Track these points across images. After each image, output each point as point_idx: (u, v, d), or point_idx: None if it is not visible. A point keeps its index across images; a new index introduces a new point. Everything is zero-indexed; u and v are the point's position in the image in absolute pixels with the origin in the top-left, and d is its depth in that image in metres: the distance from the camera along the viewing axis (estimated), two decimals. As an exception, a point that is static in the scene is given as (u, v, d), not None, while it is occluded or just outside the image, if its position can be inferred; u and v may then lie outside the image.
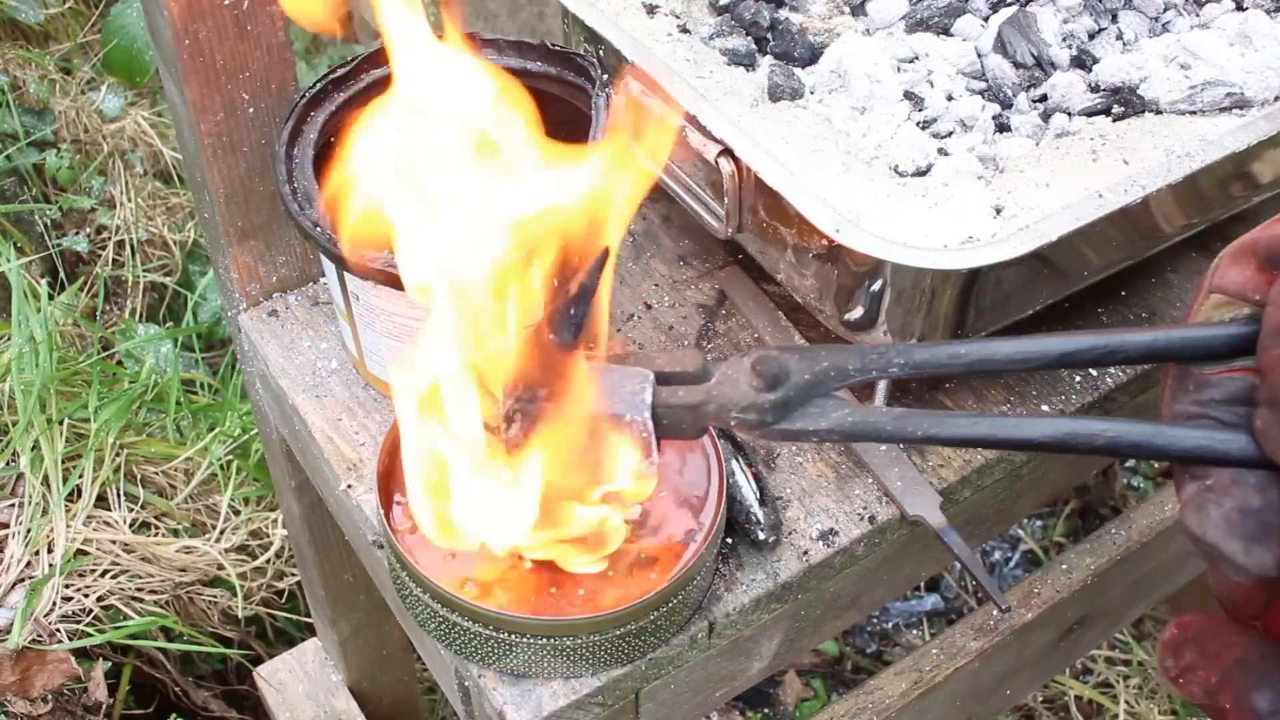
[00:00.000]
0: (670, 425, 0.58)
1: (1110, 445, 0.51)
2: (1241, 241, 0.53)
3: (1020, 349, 0.55)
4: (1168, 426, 0.51)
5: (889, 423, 0.54)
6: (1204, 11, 0.84)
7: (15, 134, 1.74)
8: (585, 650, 0.67)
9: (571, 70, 0.82)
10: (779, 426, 0.55)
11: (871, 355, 0.56)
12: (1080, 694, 1.64)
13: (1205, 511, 0.49)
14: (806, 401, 0.56)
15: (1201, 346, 0.52)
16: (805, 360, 0.56)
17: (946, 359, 0.55)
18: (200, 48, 0.75)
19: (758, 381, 0.55)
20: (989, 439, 0.53)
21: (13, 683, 1.21)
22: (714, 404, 0.56)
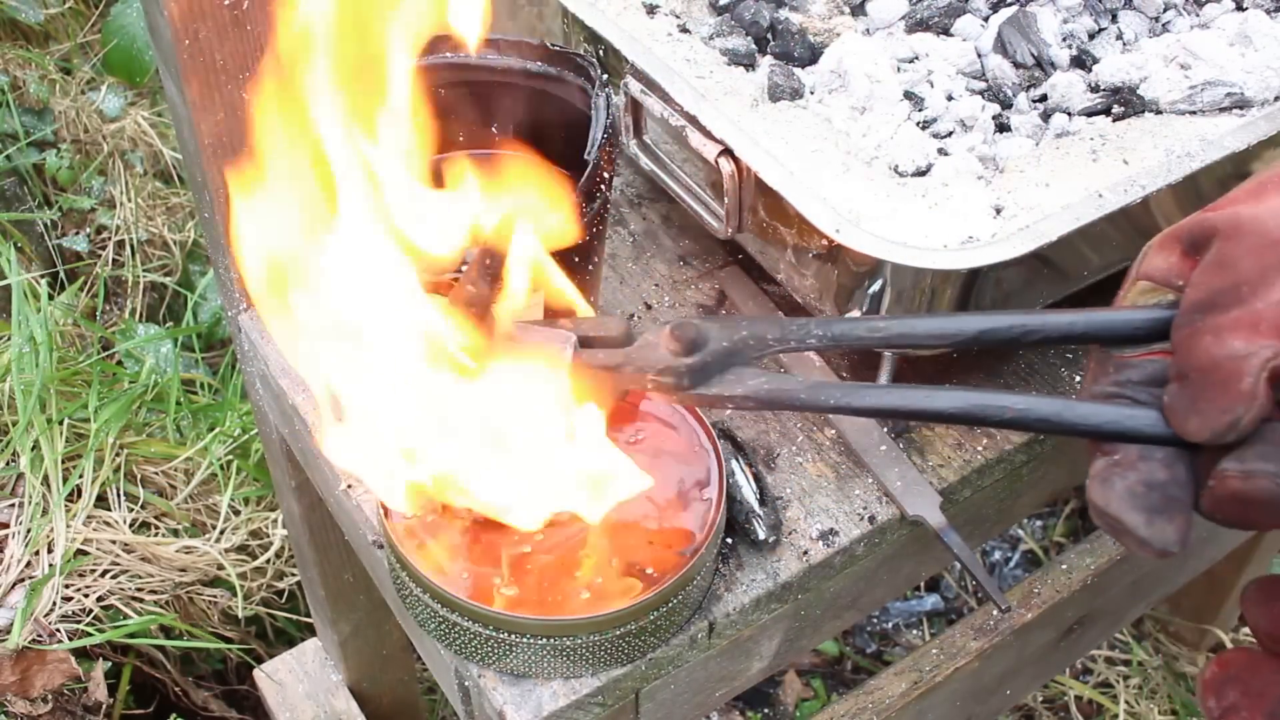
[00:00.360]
0: (589, 387, 0.59)
1: (1018, 419, 0.52)
2: (1168, 230, 0.54)
3: (939, 325, 0.56)
4: (1079, 403, 0.51)
5: (803, 391, 0.55)
6: (1204, 11, 0.84)
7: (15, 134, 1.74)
8: (585, 650, 0.67)
9: (571, 70, 0.82)
10: (695, 391, 0.57)
11: (791, 326, 0.57)
12: (1080, 694, 1.64)
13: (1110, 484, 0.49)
14: (724, 369, 0.57)
15: (1123, 330, 0.53)
16: (724, 328, 0.57)
17: (866, 332, 0.56)
18: (200, 48, 0.75)
19: (676, 346, 0.56)
20: (898, 409, 0.54)
21: (13, 683, 1.21)
22: (631, 366, 0.57)
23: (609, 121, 0.76)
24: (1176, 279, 0.53)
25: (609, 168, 0.76)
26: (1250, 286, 0.48)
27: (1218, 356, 0.47)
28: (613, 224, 0.95)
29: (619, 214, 0.97)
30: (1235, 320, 0.48)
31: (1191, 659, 1.68)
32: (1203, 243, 0.52)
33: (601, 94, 0.78)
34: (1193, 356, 0.49)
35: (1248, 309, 0.48)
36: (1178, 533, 0.48)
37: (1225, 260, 0.50)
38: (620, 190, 0.99)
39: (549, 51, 0.83)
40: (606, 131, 0.76)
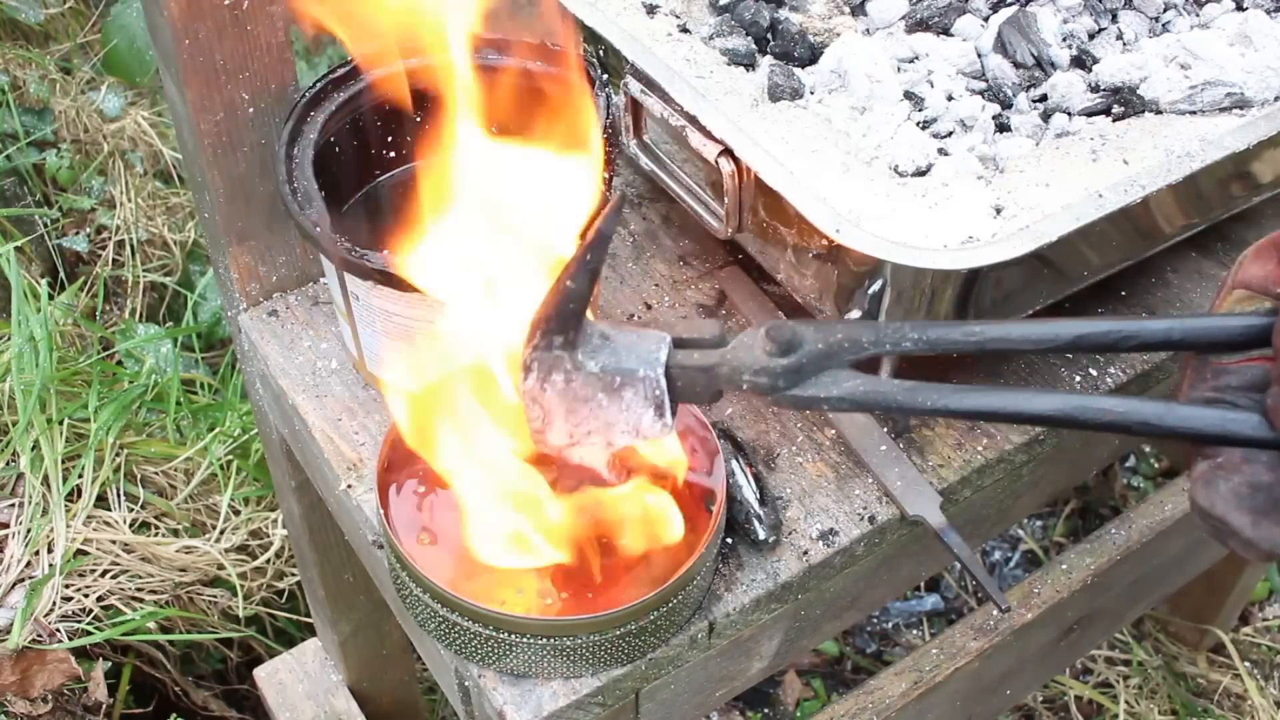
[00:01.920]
0: (684, 386, 0.58)
1: (1120, 421, 0.52)
2: (1265, 239, 0.54)
3: (1035, 330, 0.55)
4: (1180, 406, 0.51)
5: (900, 393, 0.55)
6: (1204, 11, 0.84)
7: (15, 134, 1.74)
8: (585, 650, 0.67)
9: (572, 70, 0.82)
10: (791, 392, 0.56)
11: (886, 329, 0.57)
12: (1080, 694, 1.64)
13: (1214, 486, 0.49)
14: (819, 370, 0.56)
15: (1220, 336, 0.53)
16: (819, 331, 0.57)
17: (961, 336, 0.56)
18: (200, 48, 0.75)
19: (771, 347, 0.56)
20: (999, 411, 0.54)
21: (13, 683, 1.21)
22: (727, 366, 0.57)
23: (609, 121, 0.76)
24: (1275, 286, 0.53)
25: (609, 168, 0.76)
26: None
27: None
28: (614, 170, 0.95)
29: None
30: None
31: (1191, 659, 1.68)
32: None
33: (601, 94, 0.78)
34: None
35: None
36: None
37: None
38: (620, 190, 0.99)
39: (549, 51, 0.83)
40: (606, 131, 0.76)
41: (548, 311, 0.57)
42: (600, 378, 0.58)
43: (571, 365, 0.58)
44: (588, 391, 0.58)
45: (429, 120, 0.87)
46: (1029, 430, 0.81)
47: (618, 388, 0.58)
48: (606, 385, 0.58)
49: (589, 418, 0.59)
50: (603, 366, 0.58)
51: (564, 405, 0.59)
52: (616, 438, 0.60)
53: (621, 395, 0.58)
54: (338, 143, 0.81)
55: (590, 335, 0.58)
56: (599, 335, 0.58)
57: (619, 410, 0.58)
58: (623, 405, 0.58)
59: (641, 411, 0.58)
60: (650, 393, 0.58)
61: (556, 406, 0.59)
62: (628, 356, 0.58)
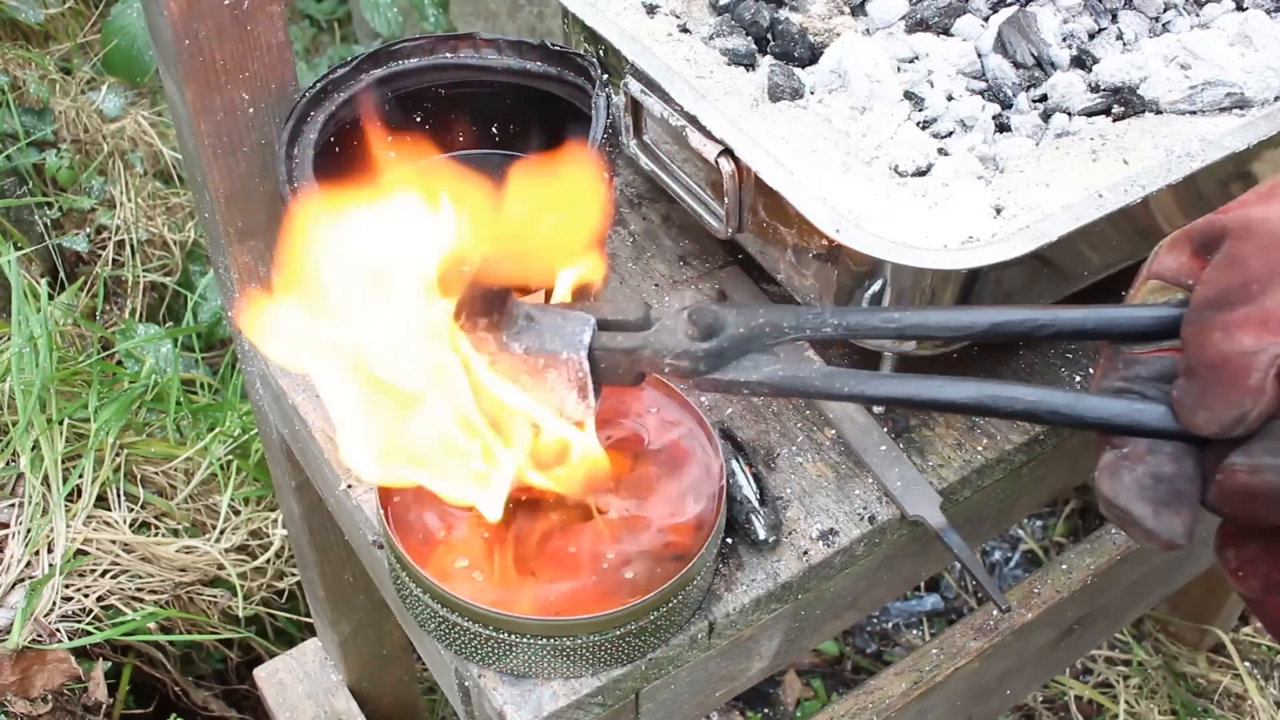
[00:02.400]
0: (607, 369, 0.59)
1: (1030, 410, 0.53)
2: (1179, 231, 0.55)
3: (952, 318, 0.56)
4: (1089, 396, 0.52)
5: (818, 378, 0.56)
6: (1204, 11, 0.84)
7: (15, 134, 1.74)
8: (585, 650, 0.67)
9: (571, 70, 0.82)
10: (711, 376, 0.57)
11: (807, 315, 0.57)
12: (1080, 694, 1.64)
13: (1119, 476, 0.51)
14: (740, 354, 0.57)
15: (1134, 326, 0.54)
16: (741, 315, 0.57)
17: (880, 322, 0.57)
18: (200, 48, 0.75)
19: (693, 330, 0.57)
20: (911, 398, 0.55)
21: (13, 683, 1.21)
22: (649, 349, 0.58)
23: (609, 121, 0.76)
24: (1187, 278, 0.54)
25: (609, 168, 0.76)
26: (1260, 285, 0.49)
27: (1226, 352, 0.48)
28: (613, 224, 0.96)
29: (619, 214, 0.97)
30: (1245, 317, 0.49)
31: (1191, 659, 1.68)
32: (1213, 243, 0.53)
33: (601, 94, 0.78)
34: (1202, 352, 0.49)
35: (1257, 306, 0.49)
36: (1184, 525, 0.49)
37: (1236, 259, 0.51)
38: (620, 190, 0.99)
39: (549, 51, 0.83)
40: (606, 131, 0.76)
41: (473, 292, 0.58)
42: (524, 359, 0.58)
43: (495, 346, 0.58)
44: (511, 372, 0.59)
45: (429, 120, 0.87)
46: (1029, 430, 0.81)
47: (541, 369, 0.58)
48: (530, 366, 0.58)
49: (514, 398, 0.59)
50: (526, 348, 0.58)
51: None
52: (540, 418, 0.60)
53: (545, 376, 0.58)
54: (338, 143, 0.81)
55: (516, 316, 0.59)
56: (525, 316, 0.59)
57: (543, 392, 0.59)
58: (547, 387, 0.59)
59: (565, 394, 0.59)
60: (573, 375, 0.58)
61: None
62: (552, 338, 0.58)
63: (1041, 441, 0.82)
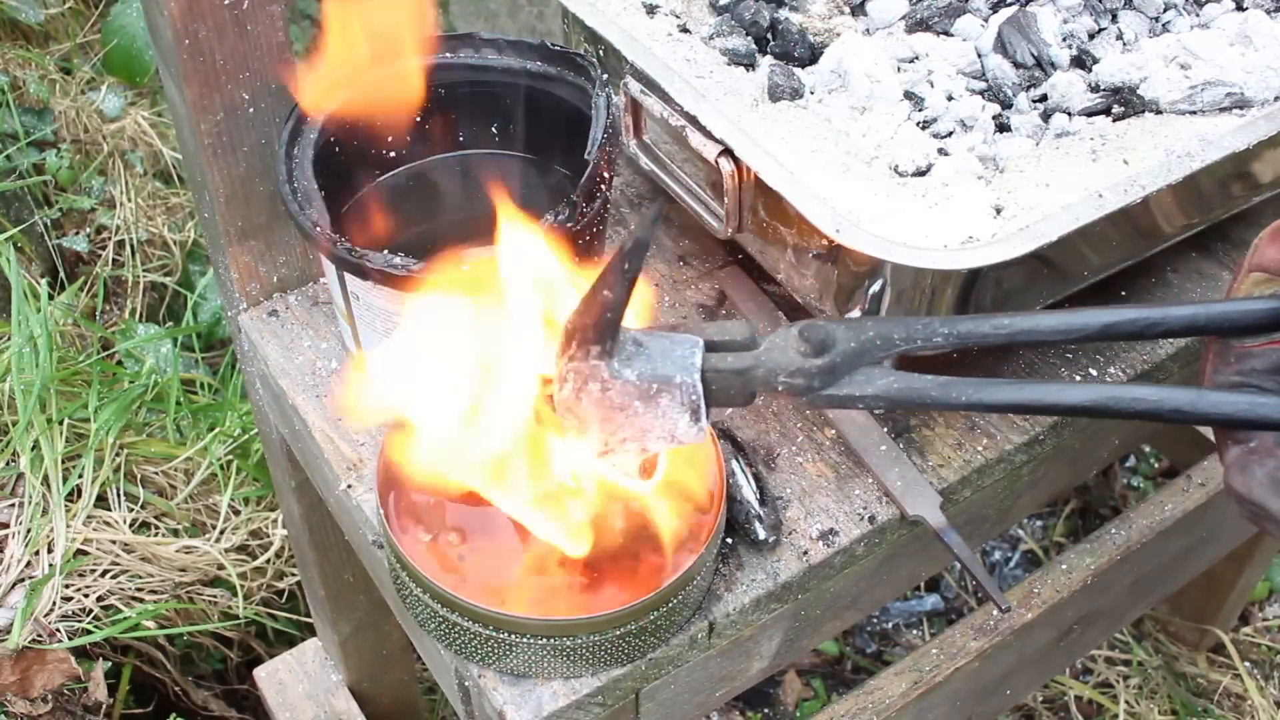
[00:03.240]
0: (719, 390, 0.59)
1: (1152, 410, 0.53)
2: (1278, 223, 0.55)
3: (1064, 321, 0.56)
4: (1210, 393, 0.52)
5: (934, 389, 0.56)
6: (1204, 11, 0.84)
7: (15, 134, 1.73)
8: (585, 650, 0.67)
9: (571, 70, 0.82)
10: (826, 392, 0.57)
11: (916, 325, 0.58)
12: (1080, 694, 1.64)
13: (1250, 471, 0.50)
14: (852, 369, 0.57)
15: (1241, 320, 0.54)
16: (851, 329, 0.57)
17: (990, 329, 0.57)
18: (200, 48, 0.75)
19: (804, 347, 0.57)
20: (1033, 404, 0.55)
21: (13, 683, 1.21)
22: (762, 369, 0.57)
23: (609, 121, 0.76)
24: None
25: (609, 168, 0.76)
26: None
27: None
28: (613, 224, 0.95)
29: (619, 214, 0.97)
30: None
31: (1191, 659, 1.68)
32: None
33: (601, 94, 0.78)
34: None
35: None
36: None
37: None
38: (620, 190, 0.99)
39: (549, 51, 0.83)
40: (606, 131, 0.76)
41: (583, 320, 0.57)
42: (637, 385, 0.58)
43: (608, 374, 0.57)
44: (624, 400, 0.58)
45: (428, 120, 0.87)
46: (1029, 430, 0.81)
47: (654, 394, 0.58)
48: (643, 393, 0.58)
49: (624, 425, 0.59)
50: (639, 374, 0.57)
51: (599, 414, 0.59)
52: (651, 444, 0.60)
53: (658, 402, 0.58)
54: (338, 143, 0.81)
55: (624, 342, 0.58)
56: (632, 342, 0.58)
57: (655, 417, 0.59)
58: (659, 412, 0.58)
59: (678, 417, 0.59)
60: (687, 398, 0.58)
61: (592, 415, 0.59)
62: (663, 363, 0.58)
63: (1041, 441, 0.82)
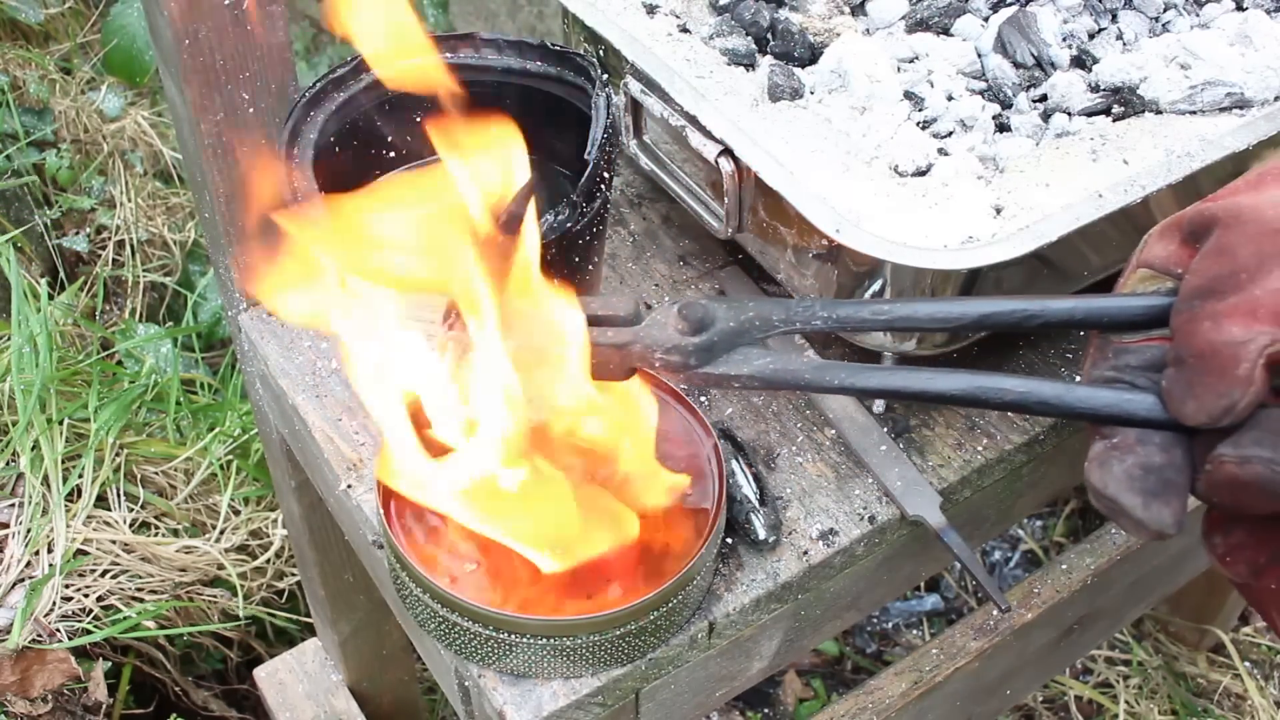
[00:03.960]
0: (598, 364, 0.59)
1: (1019, 401, 0.53)
2: (1168, 220, 0.55)
3: (941, 309, 0.56)
4: (1079, 387, 0.52)
5: (808, 371, 0.56)
6: (1204, 11, 0.84)
7: (15, 134, 1.74)
8: (586, 650, 0.67)
9: (571, 70, 0.82)
10: (702, 370, 0.57)
11: (796, 307, 0.58)
12: (1080, 694, 1.64)
13: (1108, 467, 0.51)
14: (731, 348, 0.57)
15: (1123, 316, 0.54)
16: (731, 309, 0.58)
17: (869, 315, 0.57)
18: (200, 48, 0.75)
19: (683, 325, 0.57)
20: (901, 390, 0.55)
21: (13, 682, 1.21)
22: (640, 344, 0.58)
23: (609, 121, 0.76)
24: (1176, 267, 0.54)
25: (609, 168, 0.76)
26: (1249, 274, 0.49)
27: (1215, 341, 0.48)
28: (613, 224, 0.96)
29: (619, 214, 0.97)
30: (1233, 306, 0.49)
31: (1191, 659, 1.68)
32: (1202, 232, 0.53)
33: (601, 94, 0.78)
34: (1191, 341, 0.49)
35: (1246, 295, 0.49)
36: (1174, 515, 0.49)
37: (1224, 248, 0.51)
38: (620, 190, 0.99)
39: (549, 51, 0.83)
40: (606, 131, 0.76)
41: None
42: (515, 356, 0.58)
43: None
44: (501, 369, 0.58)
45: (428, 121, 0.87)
46: (1029, 430, 0.81)
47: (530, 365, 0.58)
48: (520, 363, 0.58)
49: None
50: (517, 345, 0.58)
51: None
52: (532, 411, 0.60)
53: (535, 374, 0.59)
54: (338, 143, 0.81)
55: None
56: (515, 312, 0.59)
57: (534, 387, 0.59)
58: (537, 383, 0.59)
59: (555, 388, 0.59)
60: None
61: None
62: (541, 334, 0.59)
63: (1041, 441, 0.82)
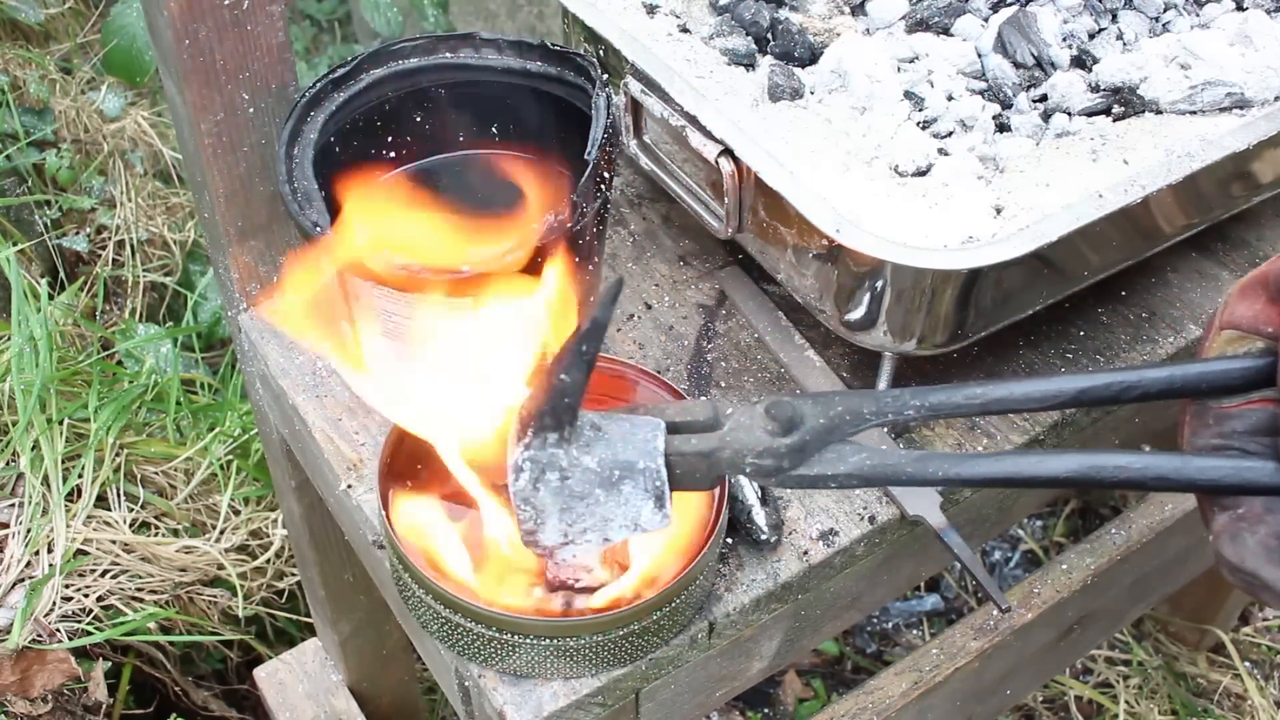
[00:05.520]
0: (683, 474, 0.56)
1: (1136, 478, 0.51)
2: (1250, 276, 0.53)
3: (1036, 388, 0.54)
4: (1195, 458, 0.50)
5: (909, 464, 0.54)
6: (1204, 11, 0.84)
7: (15, 134, 1.73)
8: (587, 650, 0.67)
9: (571, 70, 0.82)
10: (796, 472, 0.54)
11: (886, 399, 0.55)
12: (1080, 694, 1.64)
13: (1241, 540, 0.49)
14: (823, 446, 0.55)
15: (1218, 381, 0.52)
16: (819, 405, 0.55)
17: (963, 400, 0.55)
18: (200, 48, 0.75)
19: (772, 426, 0.54)
20: (1013, 477, 0.53)
21: (13, 683, 1.21)
22: (728, 450, 0.55)
23: (609, 121, 0.76)
24: (1265, 325, 0.52)
25: (609, 168, 0.76)
26: None
27: None
28: (613, 224, 0.96)
29: (619, 214, 0.97)
30: None
31: (1191, 659, 1.68)
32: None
33: (601, 94, 0.78)
34: None
35: None
36: None
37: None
38: (620, 190, 0.99)
39: (549, 51, 0.83)
40: (606, 131, 0.76)
41: (540, 407, 0.54)
42: (598, 473, 0.55)
43: (567, 462, 0.55)
44: (584, 488, 0.56)
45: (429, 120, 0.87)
46: (1029, 430, 0.81)
47: (616, 481, 0.56)
48: (604, 480, 0.55)
49: (585, 514, 0.57)
50: (600, 461, 0.55)
51: (559, 503, 0.56)
52: (614, 533, 0.58)
53: (620, 489, 0.56)
54: (338, 143, 0.81)
55: (582, 428, 0.56)
56: (590, 426, 0.56)
57: (618, 504, 0.56)
58: (622, 499, 0.56)
59: (641, 504, 0.57)
60: (650, 484, 0.56)
61: (551, 505, 0.57)
62: (624, 448, 0.56)
63: (1042, 442, 0.82)
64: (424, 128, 0.86)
